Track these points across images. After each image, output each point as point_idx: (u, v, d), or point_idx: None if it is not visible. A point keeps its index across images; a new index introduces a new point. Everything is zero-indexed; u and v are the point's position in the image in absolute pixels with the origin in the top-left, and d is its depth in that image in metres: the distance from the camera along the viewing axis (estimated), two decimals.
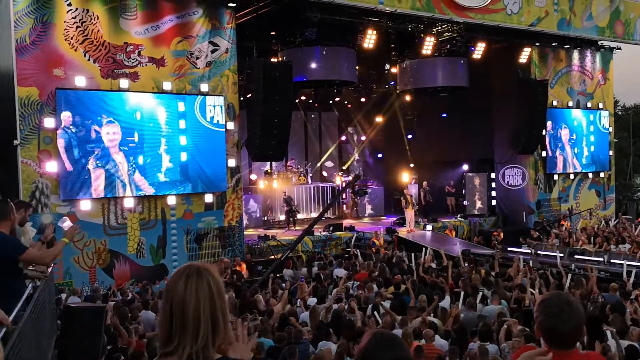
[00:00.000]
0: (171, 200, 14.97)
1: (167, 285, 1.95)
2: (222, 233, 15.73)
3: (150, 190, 14.63)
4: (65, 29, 13.50)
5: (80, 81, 13.63)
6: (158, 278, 13.67)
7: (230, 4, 15.61)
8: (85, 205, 13.78)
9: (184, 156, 15.09)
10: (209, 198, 15.53)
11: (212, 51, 15.48)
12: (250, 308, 9.97)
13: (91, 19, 13.80)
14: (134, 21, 14.37)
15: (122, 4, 14.19)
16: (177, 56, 15.00)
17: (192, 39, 15.18)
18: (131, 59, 14.32)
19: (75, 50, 13.62)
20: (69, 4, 13.54)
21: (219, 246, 15.65)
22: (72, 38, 13.57)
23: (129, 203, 14.36)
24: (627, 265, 12.85)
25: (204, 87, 15.38)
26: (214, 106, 15.45)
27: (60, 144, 13.41)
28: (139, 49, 14.41)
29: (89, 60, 13.79)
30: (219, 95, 15.58)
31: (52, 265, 6.22)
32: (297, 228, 19.99)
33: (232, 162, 15.95)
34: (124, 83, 14.20)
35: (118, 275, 14.06)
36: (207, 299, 1.86)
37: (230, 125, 15.94)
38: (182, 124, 15.05)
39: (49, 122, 13.33)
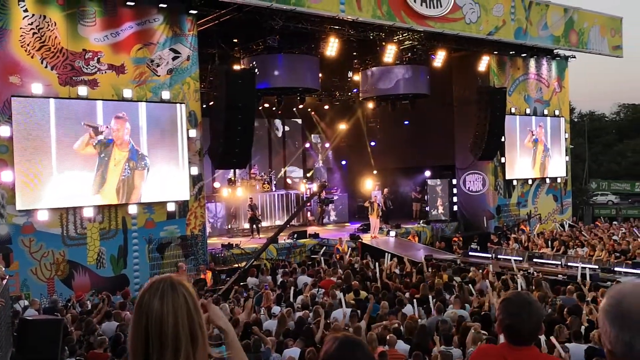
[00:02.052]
0: (132, 209, 14.73)
1: (138, 301, 1.83)
2: (184, 242, 15.55)
3: (112, 199, 14.38)
4: (22, 36, 13.20)
5: (37, 88, 13.32)
6: (119, 288, 13.43)
7: (192, 11, 15.51)
8: (42, 215, 13.43)
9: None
10: (171, 207, 15.35)
11: (173, 58, 15.34)
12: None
13: (48, 25, 13.52)
14: (93, 28, 14.14)
15: (80, 10, 13.94)
16: (138, 63, 14.81)
17: (153, 46, 15.01)
18: (90, 66, 14.07)
19: (32, 57, 13.32)
20: (25, 10, 13.25)
21: (182, 255, 15.46)
22: (28, 44, 13.26)
23: (88, 212, 14.07)
24: (583, 268, 13.20)
25: (165, 95, 15.22)
26: None
27: (17, 152, 13.07)
28: (98, 56, 14.18)
29: (46, 67, 13.50)
30: (180, 103, 15.43)
31: (6, 277, 6.05)
32: (261, 236, 19.92)
33: (194, 170, 15.80)
34: (82, 90, 13.93)
35: (77, 286, 13.73)
36: (185, 314, 1.79)
37: (193, 133, 15.80)
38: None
39: (4, 131, 12.99)
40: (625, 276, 13.47)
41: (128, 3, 14.44)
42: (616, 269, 14.31)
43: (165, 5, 14.99)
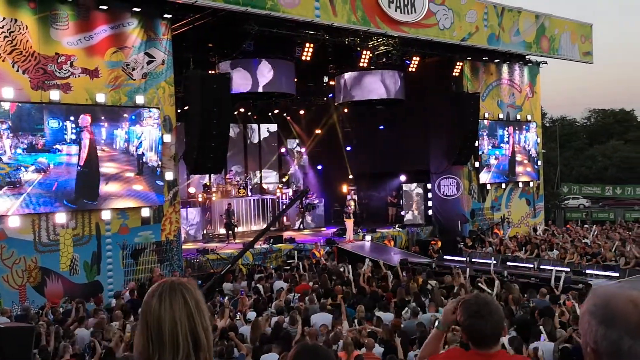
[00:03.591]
0: (106, 215, 14.56)
1: (142, 304, 1.87)
2: (159, 248, 15.40)
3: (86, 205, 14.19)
4: None
5: (7, 93, 13.09)
6: (92, 295, 13.24)
7: (166, 15, 15.41)
8: (14, 221, 13.18)
9: None
10: (145, 212, 15.20)
11: (148, 62, 15.22)
12: None
13: (20, 28, 13.30)
14: (66, 31, 13.96)
15: (52, 13, 13.75)
16: (112, 67, 14.66)
17: (128, 50, 14.88)
18: (63, 70, 13.88)
19: (3, 60, 13.09)
20: None
21: (157, 261, 15.31)
22: None
23: (60, 218, 13.85)
24: (556, 270, 13.43)
25: (140, 99, 15.09)
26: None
27: None
28: (71, 60, 14.00)
29: (17, 71, 13.28)
30: (155, 108, 15.32)
31: None
32: (237, 241, 19.84)
33: (169, 175, 15.68)
34: (54, 95, 13.72)
35: (50, 293, 13.50)
36: (185, 315, 1.78)
37: (167, 138, 15.68)
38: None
39: None
40: (596, 278, 13.75)
41: (101, 7, 14.29)
42: (587, 271, 14.59)
43: (139, 9, 14.86)
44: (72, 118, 13.95)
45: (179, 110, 16.67)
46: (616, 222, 26.91)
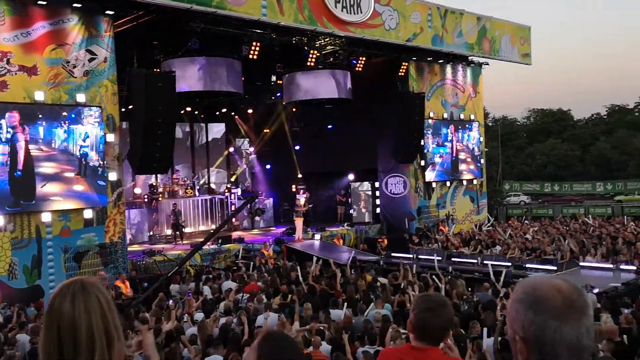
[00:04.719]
0: (46, 217, 14.08)
1: (49, 307, 1.77)
2: (103, 250, 15.02)
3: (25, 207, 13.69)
4: None
5: None
6: (33, 300, 12.79)
7: (108, 12, 15.03)
8: None
9: None
10: (88, 214, 14.79)
11: (90, 60, 14.81)
12: (132, 327, 9.61)
13: None
14: (2, 27, 13.42)
15: None
16: (52, 64, 14.19)
17: (68, 47, 14.43)
18: None
19: None
20: None
21: (101, 264, 14.92)
22: None
23: None
24: (498, 265, 13.86)
25: (81, 98, 14.66)
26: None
27: None
28: (8, 57, 13.47)
29: None
30: (97, 106, 14.92)
31: None
32: (184, 242, 19.56)
33: (112, 176, 15.31)
34: None
35: None
36: (99, 315, 1.75)
37: (111, 137, 15.30)
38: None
39: None
40: (535, 272, 14.26)
41: (39, 2, 13.81)
42: (527, 265, 15.11)
43: (79, 5, 14.44)
44: (7, 116, 13.44)
45: (123, 109, 16.27)
46: (555, 217, 27.94)
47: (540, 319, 1.49)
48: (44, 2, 13.88)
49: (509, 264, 15.05)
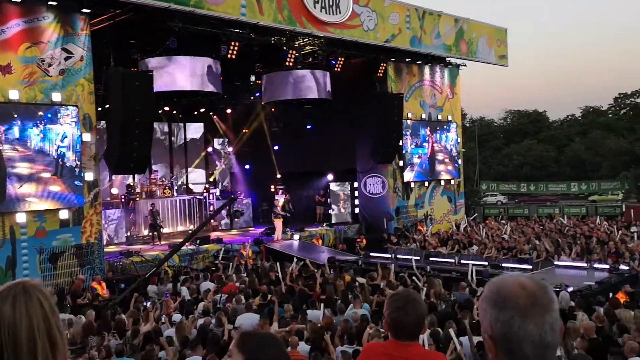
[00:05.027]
0: (21, 217, 13.86)
1: None
2: (79, 251, 14.84)
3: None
4: None
5: None
6: None
7: (85, 10, 14.85)
8: None
9: None
10: (64, 214, 14.59)
11: (66, 58, 14.62)
12: (109, 328, 9.53)
13: None
14: None
15: None
16: (27, 63, 13.98)
17: (43, 45, 14.23)
18: None
19: None
20: None
21: (77, 265, 14.74)
22: None
23: None
24: (475, 265, 14.01)
25: (57, 97, 14.46)
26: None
27: None
28: None
29: None
30: (73, 106, 14.73)
31: None
32: (162, 243, 19.41)
33: (89, 176, 15.13)
34: None
35: None
36: (41, 318, 1.71)
37: (87, 137, 15.13)
38: None
39: None
40: (511, 271, 14.42)
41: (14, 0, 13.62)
42: (504, 264, 15.30)
43: (55, 3, 14.25)
44: None
45: (99, 109, 16.10)
46: (530, 217, 28.32)
47: (505, 316, 1.50)
48: (19, 0, 13.67)
49: (486, 263, 15.22)
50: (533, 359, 1.50)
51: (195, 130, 26.74)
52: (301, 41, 19.75)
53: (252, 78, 22.98)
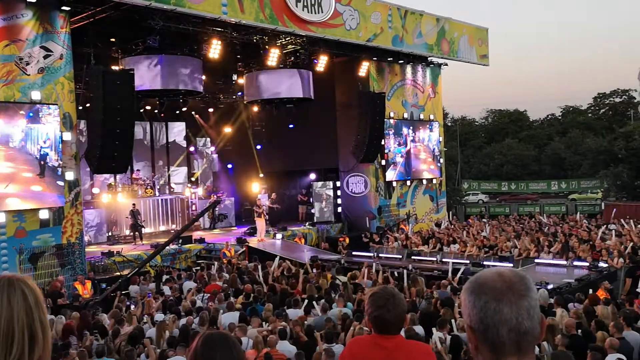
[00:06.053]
0: (0, 217, 13.69)
1: None
2: (60, 251, 14.69)
3: None
4: None
5: None
6: None
7: (64, 7, 14.69)
8: None
9: None
10: (44, 214, 14.43)
11: (45, 57, 14.45)
12: (90, 328, 9.46)
13: None
14: None
15: None
16: (4, 61, 13.79)
17: (21, 43, 14.05)
18: None
19: None
20: None
21: (58, 265, 14.59)
22: None
23: None
24: (455, 263, 14.12)
25: (36, 95, 14.29)
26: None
27: None
28: None
29: None
30: (54, 104, 14.57)
31: None
32: (144, 242, 19.29)
33: (70, 175, 14.98)
34: None
35: None
36: (22, 310, 1.71)
37: (67, 136, 14.97)
38: None
39: None
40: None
41: None
42: (485, 262, 15.43)
43: (34, 0, 14.07)
44: None
45: (80, 107, 15.94)
46: (511, 215, 28.60)
47: (482, 301, 1.53)
48: None
49: (467, 261, 15.35)
50: (510, 344, 1.51)
51: (177, 129, 26.55)
52: (283, 40, 19.73)
53: (234, 77, 22.91)
